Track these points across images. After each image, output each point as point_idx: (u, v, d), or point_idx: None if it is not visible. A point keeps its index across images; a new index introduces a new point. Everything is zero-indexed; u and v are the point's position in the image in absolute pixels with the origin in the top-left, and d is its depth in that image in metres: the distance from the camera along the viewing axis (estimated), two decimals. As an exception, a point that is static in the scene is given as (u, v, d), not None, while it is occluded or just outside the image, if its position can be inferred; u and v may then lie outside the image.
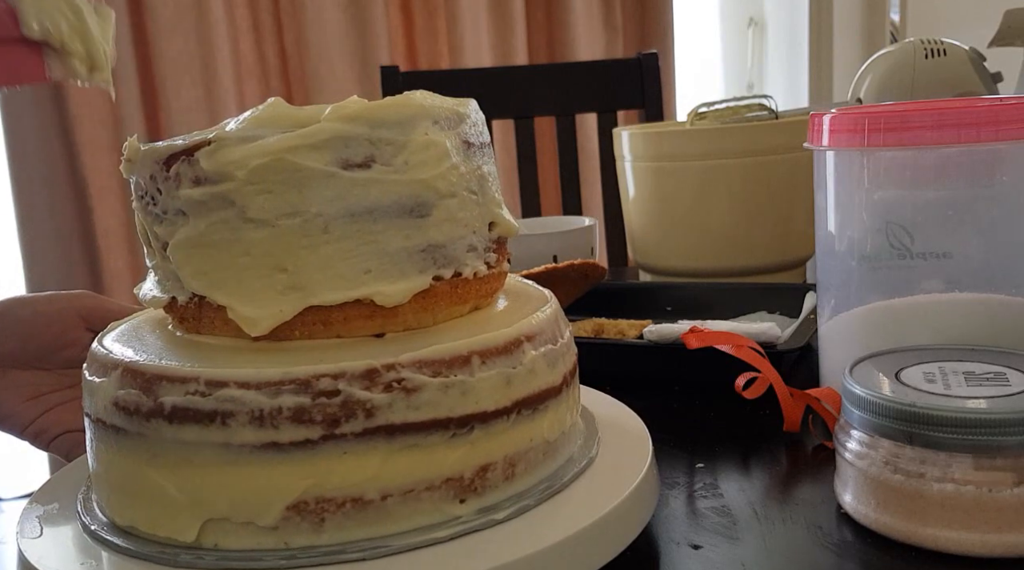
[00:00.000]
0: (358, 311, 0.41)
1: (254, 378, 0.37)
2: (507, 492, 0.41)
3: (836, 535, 0.44)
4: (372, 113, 0.40)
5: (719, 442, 0.57)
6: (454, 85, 1.48)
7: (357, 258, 0.40)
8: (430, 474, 0.39)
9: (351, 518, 0.38)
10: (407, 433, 0.38)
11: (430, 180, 0.41)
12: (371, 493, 0.38)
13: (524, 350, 0.42)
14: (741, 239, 0.94)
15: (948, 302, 0.54)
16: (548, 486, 0.42)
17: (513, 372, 0.41)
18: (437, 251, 0.42)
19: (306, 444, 0.37)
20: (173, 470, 0.38)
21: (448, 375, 0.39)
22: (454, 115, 0.43)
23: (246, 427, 0.37)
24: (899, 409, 0.42)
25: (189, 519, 0.38)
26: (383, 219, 0.40)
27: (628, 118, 1.82)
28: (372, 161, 0.40)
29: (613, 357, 0.71)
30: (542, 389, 0.43)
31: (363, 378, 0.37)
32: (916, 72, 0.98)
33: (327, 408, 0.37)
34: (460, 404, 0.39)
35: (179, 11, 1.71)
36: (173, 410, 0.38)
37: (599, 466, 0.45)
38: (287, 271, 0.40)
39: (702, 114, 1.01)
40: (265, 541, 0.38)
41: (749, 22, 2.60)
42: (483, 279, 0.44)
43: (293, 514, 0.38)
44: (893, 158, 0.53)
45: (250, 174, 0.39)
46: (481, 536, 0.39)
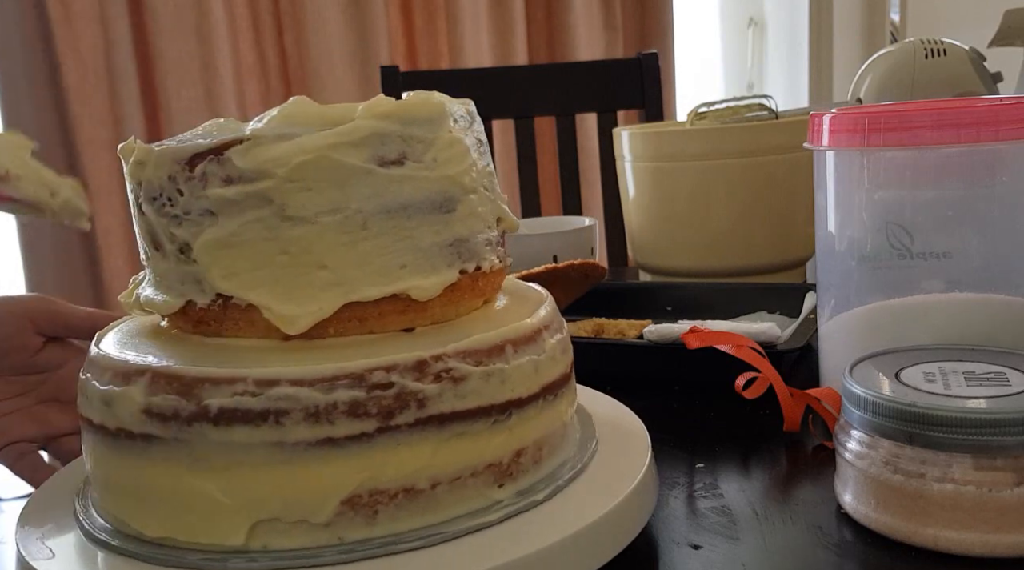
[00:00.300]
0: (392, 306, 0.41)
1: (308, 375, 0.37)
2: (537, 475, 0.43)
3: (836, 535, 0.44)
4: (404, 111, 0.41)
5: (719, 442, 0.57)
6: (454, 85, 1.48)
7: (393, 253, 0.41)
8: (475, 460, 0.40)
9: (403, 508, 0.39)
10: (455, 421, 0.39)
11: (456, 176, 0.42)
12: (422, 482, 0.39)
13: (544, 338, 0.44)
14: (741, 239, 0.94)
15: (948, 302, 0.54)
16: (572, 467, 0.44)
17: (539, 359, 0.43)
18: (462, 245, 0.43)
19: (361, 438, 0.37)
20: (219, 474, 0.38)
21: (488, 364, 0.40)
22: (468, 114, 0.45)
23: (300, 424, 0.37)
24: (899, 409, 0.42)
25: (237, 522, 0.38)
26: (416, 215, 0.41)
27: (628, 118, 1.82)
28: (405, 158, 0.41)
29: (613, 357, 0.71)
30: (560, 375, 0.45)
31: (414, 370, 0.38)
32: (916, 72, 0.98)
33: (382, 401, 0.38)
34: (499, 391, 0.40)
35: (179, 11, 1.71)
36: (220, 412, 0.37)
37: (598, 466, 0.45)
38: (327, 268, 0.40)
39: (702, 114, 1.01)
40: (319, 538, 0.38)
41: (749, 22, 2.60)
42: (496, 272, 0.46)
43: (347, 508, 0.38)
44: (893, 158, 0.53)
45: (291, 171, 0.39)
46: (523, 518, 0.40)
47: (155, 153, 0.41)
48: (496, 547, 0.38)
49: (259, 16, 1.83)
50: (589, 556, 0.39)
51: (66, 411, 0.58)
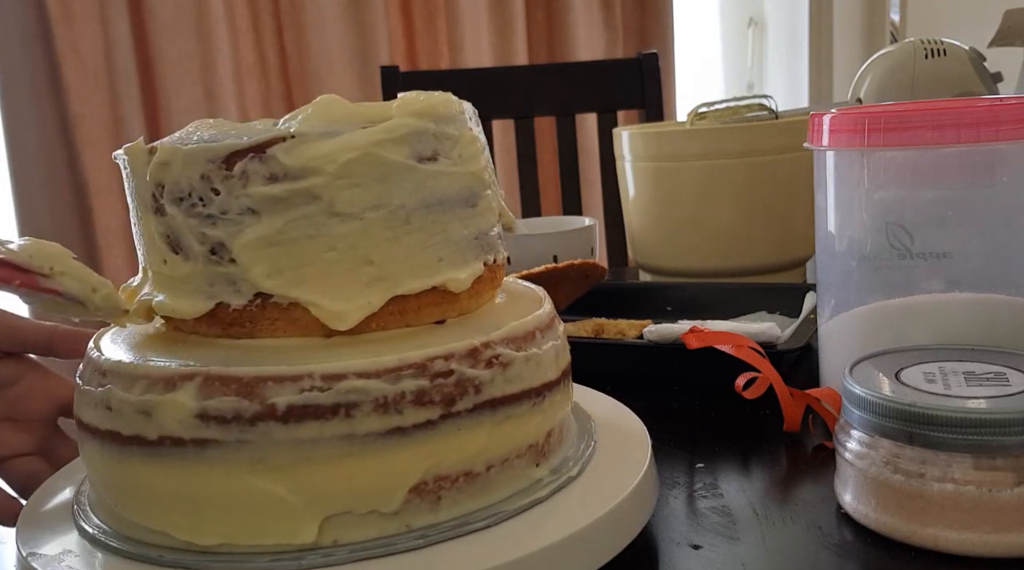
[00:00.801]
0: (431, 298, 0.43)
1: (374, 367, 0.38)
2: (562, 454, 0.45)
3: (836, 535, 0.44)
4: (435, 109, 0.43)
5: (719, 442, 0.57)
6: (454, 85, 1.47)
7: (432, 247, 0.42)
8: (520, 442, 0.42)
9: (463, 492, 0.40)
10: (505, 405, 0.41)
11: (478, 172, 0.44)
12: (479, 466, 0.41)
13: (556, 324, 0.46)
14: (741, 239, 0.94)
15: (948, 302, 0.54)
16: (586, 447, 0.47)
17: (559, 344, 0.46)
18: (484, 238, 0.45)
19: (427, 425, 0.39)
20: (286, 472, 0.37)
21: (527, 349, 0.42)
22: (474, 114, 0.46)
23: (370, 415, 0.38)
24: (899, 409, 0.42)
25: (307, 519, 0.38)
26: (450, 209, 0.43)
27: (628, 118, 1.82)
28: (438, 154, 0.42)
29: (613, 357, 0.71)
30: (569, 360, 0.48)
31: (469, 357, 0.40)
32: (916, 72, 0.98)
33: (444, 388, 0.39)
34: (537, 375, 0.43)
35: (179, 11, 1.71)
36: (288, 409, 0.37)
37: (598, 466, 0.45)
38: (373, 263, 0.41)
39: (702, 114, 1.01)
40: (387, 527, 0.39)
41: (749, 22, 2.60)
42: (502, 265, 0.48)
43: (414, 496, 0.39)
44: (893, 158, 0.53)
45: (340, 168, 0.39)
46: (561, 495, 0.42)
47: (183, 152, 0.40)
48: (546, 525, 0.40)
49: (259, 16, 1.83)
50: (589, 556, 0.39)
51: (20, 430, 0.54)
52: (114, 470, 0.41)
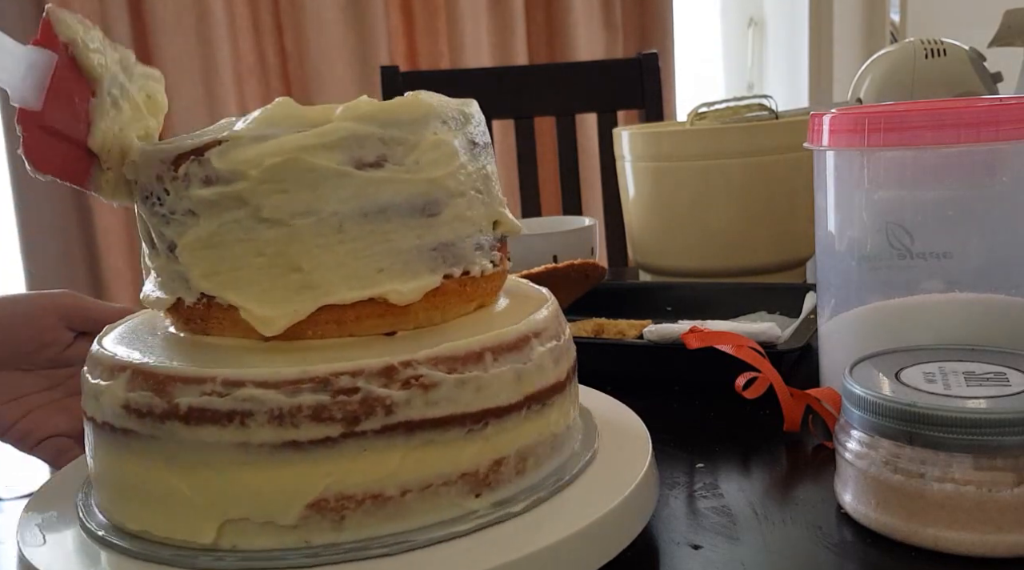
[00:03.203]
0: (371, 310, 0.41)
1: (272, 377, 0.37)
2: (519, 486, 0.42)
3: (836, 535, 0.44)
4: (384, 113, 0.41)
5: (719, 442, 0.57)
6: (454, 85, 1.48)
7: (371, 257, 0.40)
8: (447, 469, 0.39)
9: (371, 515, 0.38)
10: (425, 429, 0.38)
11: (440, 179, 0.42)
12: (391, 489, 0.38)
13: (532, 346, 0.42)
14: (741, 239, 0.94)
15: (948, 302, 0.54)
16: (557, 479, 0.43)
17: (523, 368, 0.42)
18: (447, 250, 0.42)
19: (326, 442, 0.37)
20: (189, 472, 0.38)
21: (463, 371, 0.39)
22: (461, 115, 0.44)
23: (265, 427, 0.37)
24: (899, 409, 0.42)
25: (206, 520, 0.38)
26: (395, 218, 0.41)
27: (628, 118, 1.82)
28: (384, 160, 0.41)
29: (613, 357, 0.71)
30: (549, 384, 0.43)
31: (381, 375, 0.38)
32: (916, 72, 0.98)
33: (347, 406, 0.37)
34: (475, 400, 0.40)
35: (179, 11, 1.71)
36: (189, 411, 0.37)
37: (599, 466, 0.45)
38: (302, 270, 0.40)
39: (702, 114, 1.01)
40: (286, 540, 0.38)
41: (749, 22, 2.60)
42: (489, 277, 0.45)
43: (313, 512, 0.38)
44: (893, 158, 0.53)
45: (264, 173, 0.39)
46: (498, 530, 0.39)
47: (143, 153, 0.42)
48: (467, 557, 0.37)
49: (259, 16, 1.83)
50: (589, 556, 0.39)
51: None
52: (92, 454, 0.43)
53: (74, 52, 0.41)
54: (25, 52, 0.40)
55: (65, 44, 0.41)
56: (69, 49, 0.41)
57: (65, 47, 0.41)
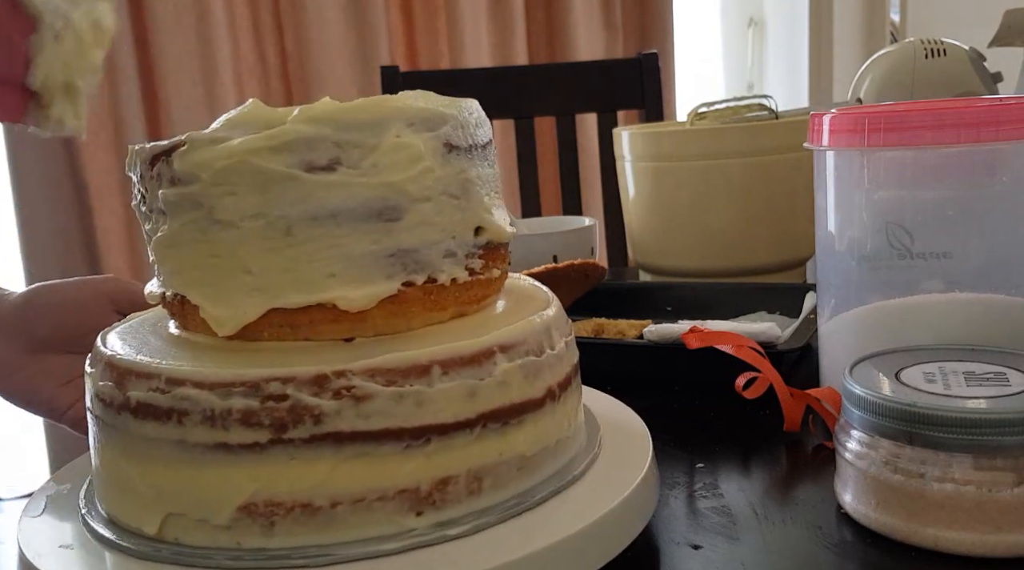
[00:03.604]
0: (323, 315, 0.40)
1: (208, 378, 0.37)
2: (471, 507, 0.40)
3: (836, 535, 0.44)
4: (339, 115, 0.40)
5: (719, 442, 0.57)
6: (454, 85, 1.48)
7: (321, 262, 0.40)
8: (382, 484, 0.38)
9: (300, 523, 0.38)
10: (356, 442, 0.37)
11: (400, 183, 0.40)
12: (320, 500, 0.38)
13: (496, 361, 0.40)
14: (741, 239, 0.94)
15: (948, 302, 0.54)
16: (518, 503, 0.41)
17: (480, 384, 0.39)
18: (408, 256, 0.41)
19: (255, 447, 0.37)
20: (138, 463, 0.40)
21: (403, 385, 0.38)
22: (435, 117, 0.42)
23: (199, 426, 0.38)
24: (899, 409, 0.42)
25: (152, 512, 0.39)
26: (348, 223, 0.40)
27: (628, 118, 1.82)
28: (337, 163, 0.39)
29: (613, 357, 0.71)
30: (517, 402, 0.41)
31: (312, 384, 0.37)
32: (916, 72, 0.98)
33: (275, 412, 0.37)
34: (415, 415, 0.38)
35: (179, 11, 1.71)
36: (137, 405, 0.39)
37: (599, 466, 0.45)
38: (252, 273, 0.40)
39: (702, 114, 1.01)
40: (219, 539, 0.38)
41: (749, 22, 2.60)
42: (464, 286, 0.43)
43: (244, 515, 0.38)
44: (893, 158, 0.53)
45: (215, 176, 0.40)
46: (434, 551, 0.38)
47: (133, 152, 0.43)
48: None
49: (259, 16, 1.83)
50: (590, 556, 0.39)
51: None
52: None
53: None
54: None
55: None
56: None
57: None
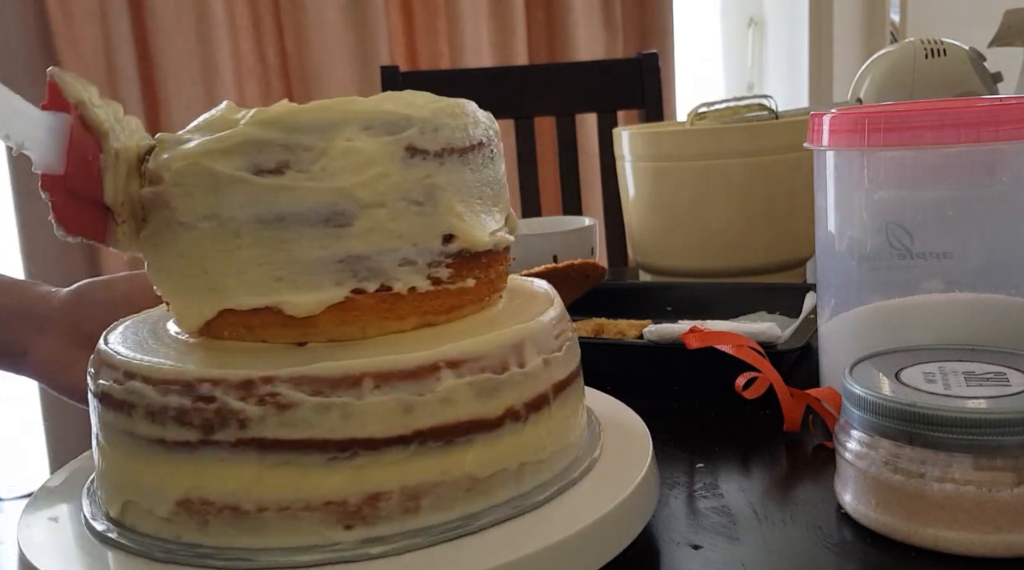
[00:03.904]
0: (273, 318, 0.40)
1: (153, 375, 0.39)
2: (406, 526, 0.38)
3: (836, 535, 0.44)
4: (290, 118, 0.40)
5: (719, 442, 0.57)
6: (454, 85, 1.48)
7: (269, 265, 0.40)
8: (306, 494, 0.37)
9: (231, 525, 0.38)
10: (280, 450, 0.37)
11: (349, 188, 0.39)
12: (247, 504, 0.38)
13: (440, 377, 0.38)
14: (741, 239, 0.94)
15: (948, 302, 0.54)
16: (460, 526, 0.39)
17: (418, 400, 0.38)
18: (358, 263, 0.40)
19: (187, 445, 0.38)
20: (105, 449, 0.41)
21: (330, 395, 0.37)
22: (398, 119, 0.41)
23: (142, 420, 0.39)
24: (899, 409, 0.42)
25: (115, 497, 0.41)
26: (295, 227, 0.39)
27: (628, 118, 1.82)
28: (286, 167, 0.39)
29: (613, 357, 0.71)
30: (463, 421, 0.39)
31: (239, 388, 0.37)
32: (916, 72, 0.98)
33: (204, 413, 0.37)
34: (341, 427, 0.37)
35: (179, 11, 1.71)
36: (102, 394, 0.41)
37: (599, 466, 0.45)
38: (207, 273, 0.41)
39: (702, 114, 1.01)
40: (163, 530, 0.39)
41: (749, 22, 2.60)
42: (428, 296, 0.42)
43: (182, 510, 0.38)
44: (893, 158, 0.53)
45: (173, 176, 0.41)
46: (355, 567, 0.37)
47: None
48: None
49: (259, 16, 1.83)
50: (590, 556, 0.39)
51: None
52: None
53: (82, 111, 0.41)
54: (44, 118, 0.40)
55: (74, 104, 0.41)
56: (77, 108, 0.41)
57: (74, 107, 0.41)
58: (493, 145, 0.46)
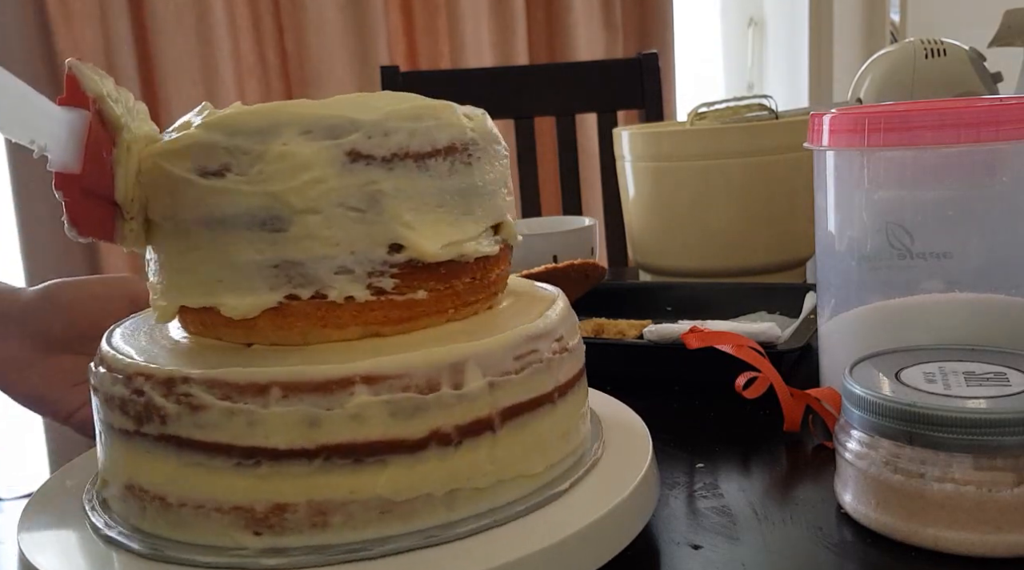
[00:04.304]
0: (219, 319, 0.41)
1: (113, 364, 0.41)
2: (314, 540, 0.38)
3: (836, 535, 0.44)
4: (232, 121, 0.40)
5: (719, 442, 0.57)
6: (454, 85, 1.48)
7: (211, 266, 0.40)
8: (217, 496, 0.38)
9: (162, 515, 0.39)
10: (193, 449, 0.38)
11: (282, 193, 0.39)
12: (171, 497, 0.39)
13: (354, 392, 0.37)
14: (741, 239, 0.94)
15: (948, 302, 0.54)
16: (370, 547, 0.37)
17: (325, 414, 0.37)
18: (293, 269, 0.39)
19: (124, 433, 0.40)
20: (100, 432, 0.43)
21: (238, 401, 0.37)
22: (344, 123, 0.39)
23: (103, 406, 0.41)
24: (899, 409, 0.42)
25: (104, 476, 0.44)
26: (234, 230, 0.40)
27: (628, 118, 1.82)
28: (227, 170, 0.39)
29: (613, 357, 0.71)
30: (375, 441, 0.37)
31: (163, 385, 0.38)
32: (916, 72, 0.98)
33: (136, 406, 0.39)
34: (246, 434, 0.37)
35: (179, 11, 1.71)
36: (93, 382, 0.43)
37: (599, 466, 0.45)
38: (172, 270, 0.43)
39: (702, 114, 1.01)
40: (120, 510, 0.42)
41: (749, 22, 2.60)
42: (368, 305, 0.40)
43: (130, 494, 0.40)
44: (893, 158, 0.53)
45: (142, 176, 0.42)
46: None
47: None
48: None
49: (259, 16, 1.83)
50: (589, 556, 0.39)
51: None
52: None
53: (100, 106, 0.40)
54: (65, 115, 0.39)
55: (92, 99, 0.40)
56: (95, 103, 0.40)
57: (93, 102, 0.40)
58: (475, 149, 0.43)
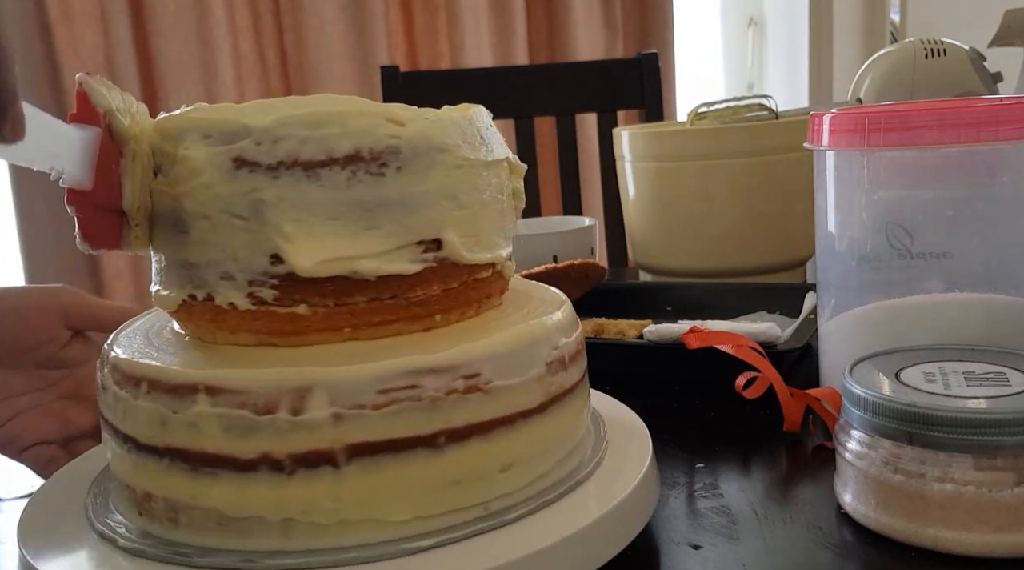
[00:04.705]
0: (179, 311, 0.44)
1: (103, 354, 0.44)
2: (170, 534, 0.39)
3: (836, 535, 0.44)
4: (163, 123, 0.41)
5: (719, 442, 0.57)
6: (454, 85, 1.48)
7: (154, 263, 0.44)
8: (116, 470, 0.42)
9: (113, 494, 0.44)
10: (106, 427, 0.43)
11: (181, 196, 0.40)
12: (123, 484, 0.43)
13: (196, 401, 0.37)
14: (741, 239, 0.94)
15: (948, 302, 0.54)
16: (207, 554, 0.38)
17: (171, 416, 0.38)
18: (192, 270, 0.41)
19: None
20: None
21: (123, 388, 0.40)
22: (237, 129, 0.39)
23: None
24: (899, 409, 0.42)
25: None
26: (159, 230, 0.42)
27: (628, 118, 1.82)
28: (159, 170, 0.41)
29: (613, 357, 0.71)
30: (210, 452, 0.37)
31: (104, 363, 0.43)
32: (916, 72, 0.98)
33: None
34: (124, 420, 0.40)
35: (179, 11, 1.71)
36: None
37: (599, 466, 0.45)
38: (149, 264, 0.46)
39: (702, 114, 1.00)
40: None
41: (749, 22, 2.60)
42: (251, 315, 0.40)
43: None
44: (893, 158, 0.53)
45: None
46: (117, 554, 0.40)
47: None
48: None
49: (259, 16, 1.83)
50: (589, 556, 0.39)
51: (86, 409, 0.56)
52: None
53: (110, 120, 0.40)
54: (78, 135, 0.39)
55: (103, 114, 0.40)
56: (106, 118, 0.40)
57: (103, 117, 0.40)
58: (394, 159, 0.40)
